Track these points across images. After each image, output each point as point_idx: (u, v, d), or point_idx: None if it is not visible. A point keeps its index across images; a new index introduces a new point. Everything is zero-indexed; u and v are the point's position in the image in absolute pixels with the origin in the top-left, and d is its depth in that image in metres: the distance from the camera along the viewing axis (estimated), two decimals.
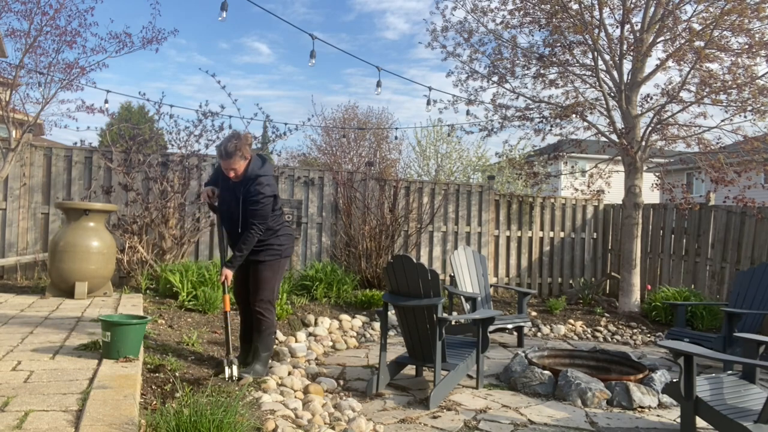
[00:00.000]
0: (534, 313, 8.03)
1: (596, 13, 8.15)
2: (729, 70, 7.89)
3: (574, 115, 8.70)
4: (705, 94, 8.01)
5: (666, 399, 4.50)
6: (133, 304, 5.39)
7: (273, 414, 3.38)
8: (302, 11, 59.47)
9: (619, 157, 8.71)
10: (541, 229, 9.68)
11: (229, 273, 4.00)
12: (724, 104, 8.02)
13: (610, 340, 7.40)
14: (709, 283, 8.27)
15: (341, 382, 4.77)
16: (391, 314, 5.11)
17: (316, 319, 6.44)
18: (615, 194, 9.77)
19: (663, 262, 9.03)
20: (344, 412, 3.85)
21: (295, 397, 4.05)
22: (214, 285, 6.07)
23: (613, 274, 9.43)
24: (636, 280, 8.34)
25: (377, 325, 6.77)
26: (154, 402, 3.04)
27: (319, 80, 62.32)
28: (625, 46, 8.15)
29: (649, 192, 9.63)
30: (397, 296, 4.57)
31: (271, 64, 63.32)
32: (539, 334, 7.46)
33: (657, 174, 9.74)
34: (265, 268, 4.09)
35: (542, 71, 8.96)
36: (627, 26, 8.15)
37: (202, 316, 5.62)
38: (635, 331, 7.65)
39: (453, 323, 6.40)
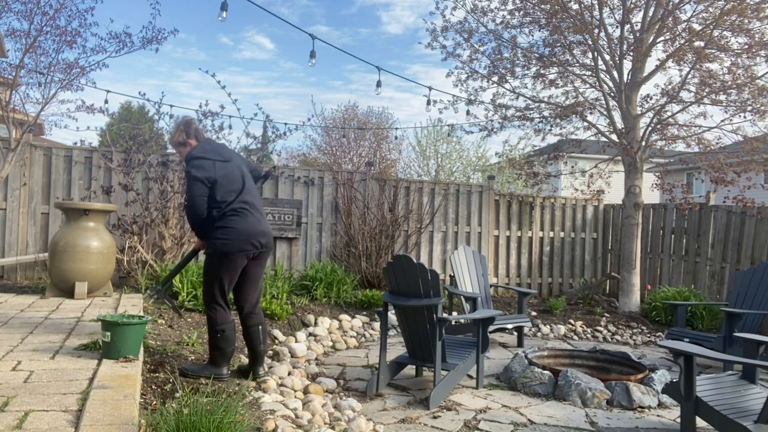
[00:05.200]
0: (534, 313, 8.03)
1: (596, 13, 8.15)
2: (729, 71, 7.90)
3: (574, 115, 8.70)
4: (705, 94, 8.02)
5: (666, 399, 4.50)
6: (133, 304, 5.39)
7: (273, 414, 3.38)
8: (303, 3, 59.29)
9: (619, 157, 8.72)
10: (541, 229, 9.68)
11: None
12: (724, 104, 8.03)
13: (610, 340, 7.40)
14: (709, 283, 8.27)
15: (341, 382, 4.77)
16: (391, 314, 5.12)
17: (316, 319, 6.44)
18: (615, 194, 9.77)
19: (663, 262, 9.03)
20: (344, 412, 3.85)
21: (295, 397, 4.05)
22: None
23: (613, 274, 9.43)
24: (636, 280, 8.34)
25: (377, 325, 6.77)
26: (154, 402, 3.04)
27: (319, 77, 62.19)
28: (625, 46, 8.15)
29: (649, 192, 9.63)
30: (397, 296, 4.57)
31: (270, 60, 63.12)
32: (539, 334, 7.46)
33: (657, 174, 9.75)
34: (206, 263, 3.79)
35: (542, 71, 8.96)
36: (627, 26, 8.15)
37: (202, 316, 5.62)
38: (635, 331, 7.65)
39: (453, 323, 6.41)
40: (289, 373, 4.59)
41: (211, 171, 3.66)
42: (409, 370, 5.11)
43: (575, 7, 8.10)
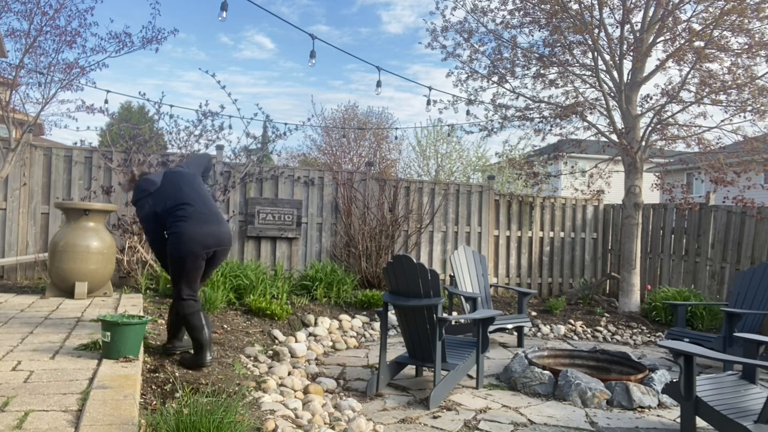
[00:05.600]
0: (534, 313, 8.03)
1: (596, 13, 8.15)
2: (729, 70, 7.90)
3: (574, 115, 8.70)
4: (705, 94, 8.02)
5: (666, 399, 4.50)
6: (133, 304, 5.39)
7: (273, 414, 3.38)
8: (304, 2, 59.19)
9: (619, 157, 8.72)
10: (541, 229, 9.68)
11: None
12: (724, 104, 8.03)
13: (610, 340, 7.40)
14: (709, 283, 8.27)
15: (341, 382, 4.77)
16: (391, 314, 5.12)
17: (316, 319, 6.44)
18: (615, 194, 9.77)
19: (663, 262, 9.04)
20: (344, 412, 3.85)
21: (295, 397, 4.05)
22: (213, 285, 6.07)
23: (613, 274, 9.43)
24: (636, 280, 8.34)
25: (377, 325, 6.77)
26: (154, 402, 3.04)
27: (320, 77, 62.09)
28: (625, 46, 8.15)
29: (649, 192, 9.64)
30: (397, 296, 4.57)
31: (270, 60, 62.98)
32: (539, 334, 7.46)
33: (657, 174, 9.75)
34: (170, 266, 3.98)
35: (542, 71, 8.96)
36: (627, 26, 8.15)
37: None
38: (635, 331, 7.65)
39: (453, 323, 6.41)
40: (289, 373, 4.59)
41: (146, 207, 4.00)
42: (409, 370, 5.11)
43: (575, 7, 8.10)
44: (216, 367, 4.10)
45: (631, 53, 8.11)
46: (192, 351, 4.03)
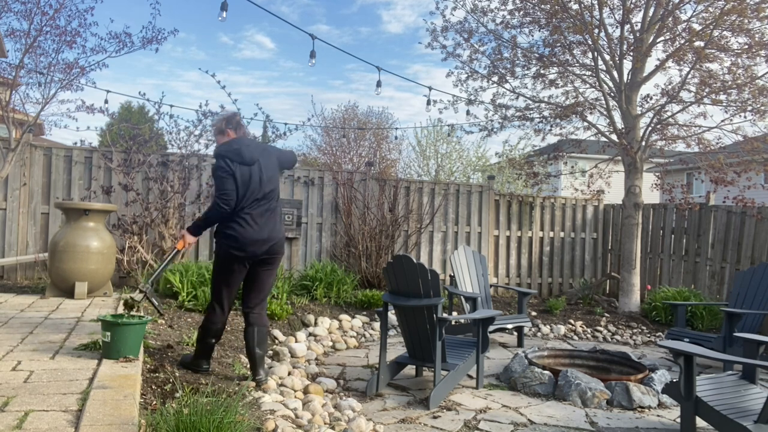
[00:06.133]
0: (534, 313, 8.03)
1: (596, 13, 8.15)
2: (729, 70, 7.90)
3: (574, 115, 8.70)
4: (705, 94, 8.02)
5: (666, 399, 4.50)
6: None
7: (273, 414, 3.38)
8: (304, 2, 59.11)
9: (619, 157, 8.72)
10: (541, 229, 9.68)
11: (188, 237, 3.81)
12: (724, 104, 8.03)
13: (610, 340, 7.40)
14: (709, 283, 8.27)
15: (341, 382, 4.77)
16: (391, 314, 5.11)
17: (316, 319, 6.44)
18: (615, 194, 9.77)
19: (663, 262, 9.04)
20: (344, 412, 3.85)
21: (295, 397, 4.05)
22: None
23: (613, 274, 9.43)
24: (636, 280, 8.34)
25: (377, 325, 6.77)
26: (154, 402, 3.04)
27: (320, 77, 61.94)
28: (625, 46, 8.15)
29: (649, 192, 9.64)
30: (397, 296, 4.57)
31: (270, 59, 62.81)
32: (539, 334, 7.46)
33: (657, 174, 9.75)
34: (213, 263, 3.91)
35: (542, 71, 8.96)
36: (627, 26, 8.15)
37: (201, 316, 5.62)
38: (635, 331, 7.65)
39: (453, 323, 6.41)
40: (289, 373, 4.59)
41: (235, 168, 3.68)
42: (409, 370, 5.11)
43: (575, 7, 8.10)
44: (216, 367, 4.10)
45: (631, 53, 8.11)
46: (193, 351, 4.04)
